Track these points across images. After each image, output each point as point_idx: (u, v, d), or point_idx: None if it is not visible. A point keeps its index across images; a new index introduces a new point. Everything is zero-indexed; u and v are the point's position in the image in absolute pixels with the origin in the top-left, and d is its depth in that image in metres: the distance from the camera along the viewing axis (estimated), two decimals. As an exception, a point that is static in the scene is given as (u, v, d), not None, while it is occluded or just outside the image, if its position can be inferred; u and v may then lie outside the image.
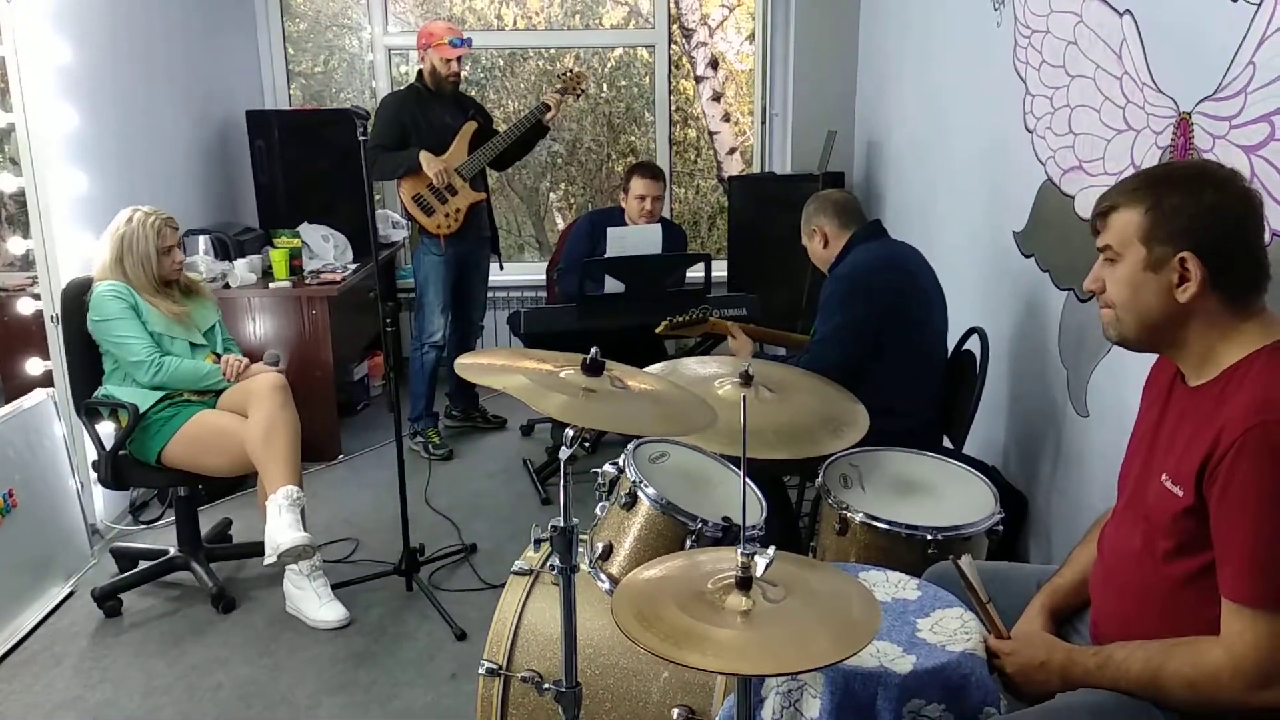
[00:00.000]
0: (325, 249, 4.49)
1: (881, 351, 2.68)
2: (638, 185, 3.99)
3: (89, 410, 3.02)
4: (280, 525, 2.80)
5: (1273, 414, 1.30)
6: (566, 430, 1.66)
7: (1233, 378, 1.40)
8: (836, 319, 2.69)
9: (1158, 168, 1.59)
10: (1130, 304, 1.47)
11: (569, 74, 4.27)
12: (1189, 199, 1.41)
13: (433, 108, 4.08)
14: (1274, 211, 1.77)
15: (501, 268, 4.52)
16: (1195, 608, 1.41)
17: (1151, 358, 1.64)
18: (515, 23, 5.95)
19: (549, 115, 4.12)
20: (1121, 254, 1.47)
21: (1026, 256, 2.94)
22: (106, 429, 3.03)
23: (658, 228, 3.93)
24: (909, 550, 2.06)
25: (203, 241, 4.11)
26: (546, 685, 1.80)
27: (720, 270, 4.78)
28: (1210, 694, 1.36)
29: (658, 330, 3.10)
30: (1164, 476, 1.45)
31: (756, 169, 5.40)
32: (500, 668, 1.97)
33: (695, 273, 3.83)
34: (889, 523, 2.08)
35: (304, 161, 4.70)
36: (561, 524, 1.67)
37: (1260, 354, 1.39)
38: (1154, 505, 1.47)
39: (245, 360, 3.15)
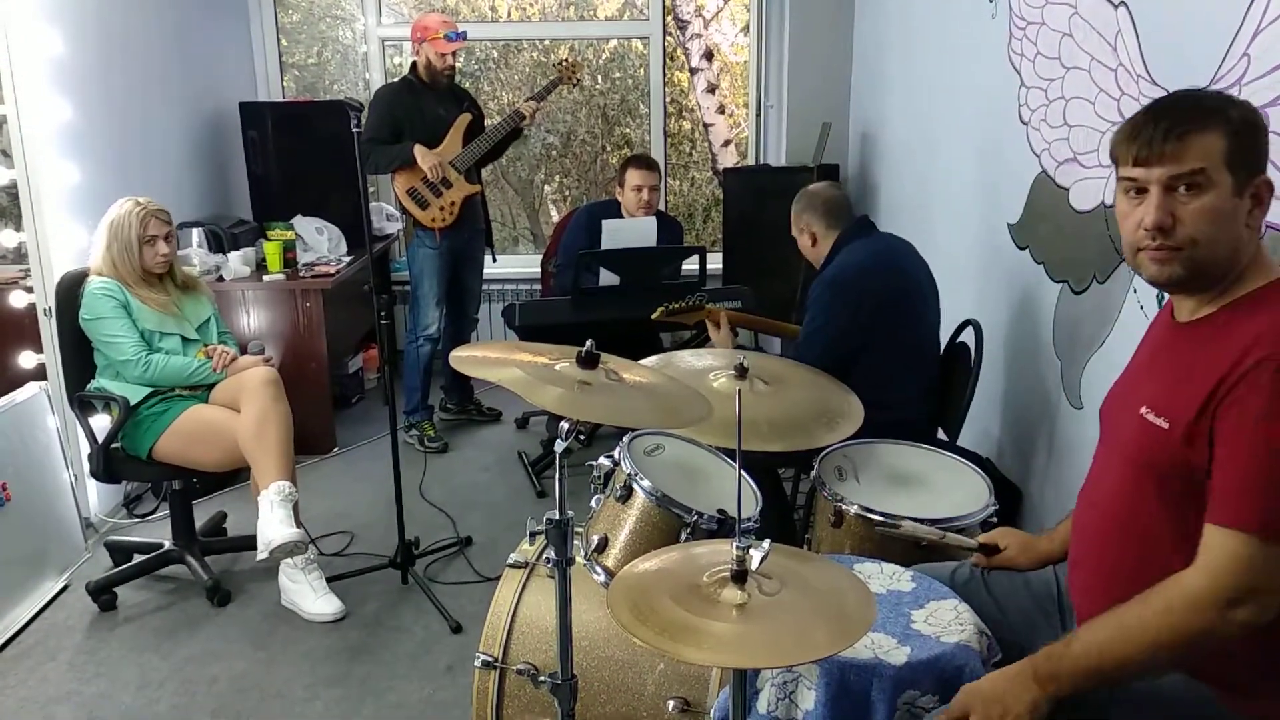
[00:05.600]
0: (319, 241, 4.48)
1: (875, 345, 2.68)
2: (634, 176, 3.98)
3: (82, 403, 3.01)
4: (272, 521, 2.80)
5: None
6: (562, 423, 1.66)
7: (1239, 309, 1.36)
8: (818, 322, 2.69)
9: (1179, 95, 1.45)
10: (1215, 237, 1.32)
11: (564, 64, 4.26)
12: (1251, 119, 1.33)
13: (427, 101, 4.07)
14: (1271, 206, 1.77)
15: (494, 260, 4.52)
16: (1168, 537, 1.39)
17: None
18: (509, 14, 5.94)
19: (525, 123, 4.12)
20: (1213, 180, 1.31)
21: (1021, 249, 2.95)
22: (101, 421, 3.02)
23: (652, 220, 3.93)
24: (903, 542, 2.06)
25: (196, 234, 4.10)
26: (542, 678, 1.80)
27: (715, 262, 4.78)
28: (1188, 620, 1.28)
29: (654, 316, 3.07)
30: (1144, 409, 1.41)
31: (751, 161, 5.39)
32: (496, 660, 1.97)
33: (691, 265, 3.83)
34: (884, 515, 2.09)
35: (297, 153, 4.68)
36: (557, 517, 1.67)
37: (1269, 287, 1.35)
38: (1131, 438, 1.44)
39: (233, 351, 3.14)
